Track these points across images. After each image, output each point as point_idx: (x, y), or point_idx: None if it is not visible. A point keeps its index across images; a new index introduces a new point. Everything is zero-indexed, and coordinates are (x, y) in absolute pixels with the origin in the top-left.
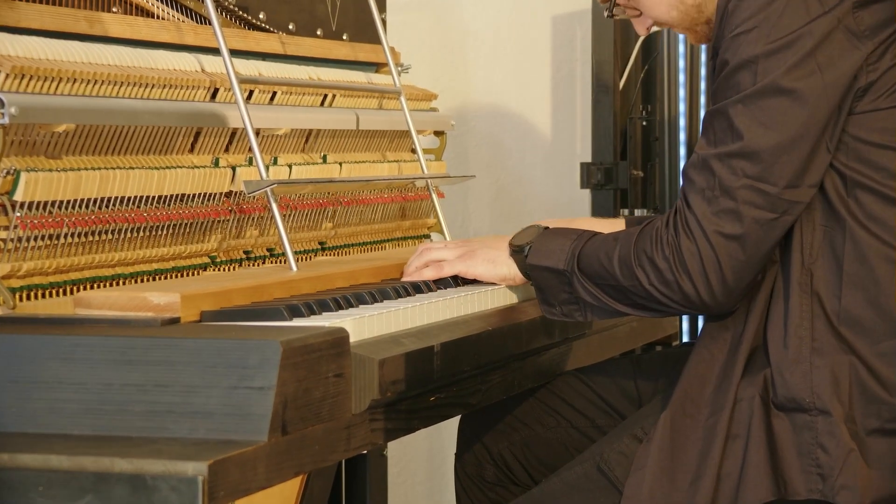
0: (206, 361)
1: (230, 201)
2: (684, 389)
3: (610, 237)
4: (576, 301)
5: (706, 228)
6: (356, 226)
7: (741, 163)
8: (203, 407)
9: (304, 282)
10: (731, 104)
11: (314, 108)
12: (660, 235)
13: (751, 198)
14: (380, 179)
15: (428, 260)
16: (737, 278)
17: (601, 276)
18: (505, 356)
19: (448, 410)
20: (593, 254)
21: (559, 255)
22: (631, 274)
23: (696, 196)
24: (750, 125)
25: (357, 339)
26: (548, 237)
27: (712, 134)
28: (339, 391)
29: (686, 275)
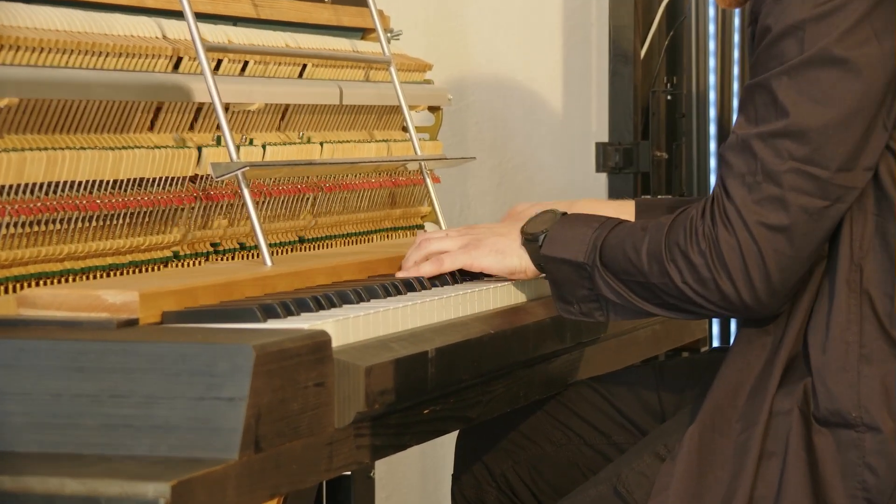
0: (168, 369)
1: (195, 187)
2: (715, 401)
3: (637, 227)
4: (597, 298)
5: (747, 219)
6: (339, 215)
7: (787, 143)
8: (165, 420)
9: (280, 278)
10: (774, 76)
11: (291, 81)
12: (695, 227)
13: (798, 183)
14: (366, 162)
15: (427, 252)
16: (783, 276)
17: (627, 272)
18: (509, 363)
19: (444, 425)
20: (618, 245)
21: (579, 246)
22: (662, 270)
23: (735, 182)
24: (797, 100)
25: (340, 344)
26: (566, 225)
27: (753, 111)
28: (319, 402)
29: (725, 272)
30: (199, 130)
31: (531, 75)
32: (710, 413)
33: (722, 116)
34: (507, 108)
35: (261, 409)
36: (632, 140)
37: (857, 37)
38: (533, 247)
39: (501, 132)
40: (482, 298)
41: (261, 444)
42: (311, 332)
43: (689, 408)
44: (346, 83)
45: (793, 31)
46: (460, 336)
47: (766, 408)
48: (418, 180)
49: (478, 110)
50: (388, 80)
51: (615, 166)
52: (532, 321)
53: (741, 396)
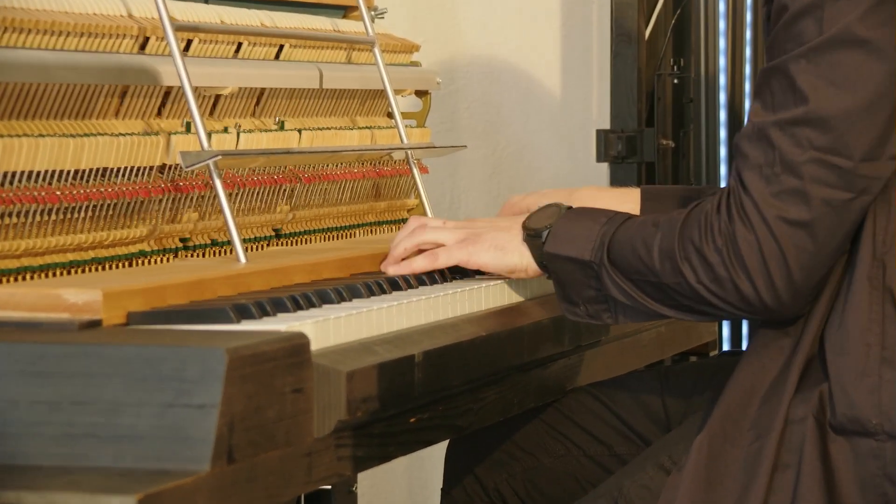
0: (134, 373)
1: (164, 177)
2: (725, 409)
3: (648, 222)
4: (604, 299)
5: (766, 214)
6: (319, 208)
7: (807, 131)
8: (131, 429)
9: (254, 276)
10: (792, 59)
11: (267, 63)
12: (710, 223)
13: (820, 174)
14: (348, 150)
15: (421, 242)
16: (805, 274)
17: (637, 271)
18: (503, 368)
19: (432, 435)
20: (628, 242)
21: (585, 243)
22: (675, 269)
23: (751, 174)
24: (817, 85)
25: (320, 347)
26: (571, 219)
27: (769, 97)
28: (297, 410)
29: (743, 271)
30: (168, 116)
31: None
32: (720, 421)
33: (733, 102)
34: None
35: (234, 416)
36: (635, 127)
37: (880, 16)
38: (535, 243)
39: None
40: (474, 298)
41: (234, 454)
42: (288, 334)
43: (696, 416)
44: (326, 65)
45: (811, 10)
46: (450, 338)
47: (780, 415)
48: (404, 170)
49: (469, 95)
50: (371, 62)
51: (617, 155)
52: (528, 323)
53: (754, 403)
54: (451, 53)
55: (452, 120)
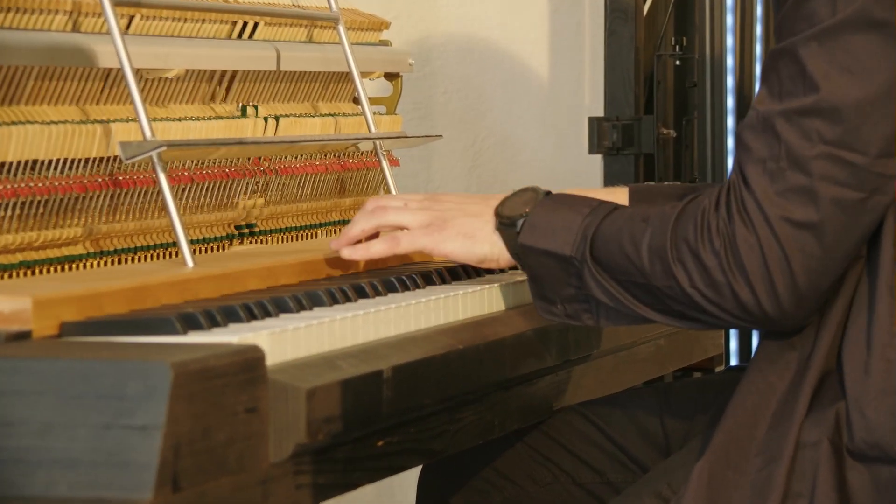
0: (67, 391)
1: (102, 171)
2: (730, 431)
3: (637, 216)
4: (585, 299)
5: (769, 213)
6: (277, 205)
7: (817, 123)
8: (64, 453)
9: (203, 282)
10: (801, 42)
11: (219, 42)
12: (707, 221)
13: (830, 171)
14: (309, 141)
15: (381, 223)
16: (810, 281)
17: (623, 270)
18: (481, 385)
19: (403, 460)
20: (614, 237)
21: (565, 235)
22: (666, 271)
23: (754, 169)
24: (828, 71)
25: (277, 361)
26: (550, 208)
27: (776, 83)
28: (251, 432)
29: (742, 275)
30: (106, 102)
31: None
32: (724, 445)
33: (741, 86)
34: (482, 76)
35: (180, 439)
36: (632, 115)
37: None
38: (509, 233)
39: (474, 105)
40: (449, 306)
41: (180, 481)
42: (240, 346)
43: (698, 439)
44: (284, 44)
45: None
46: (422, 352)
47: (791, 439)
48: (372, 163)
49: (445, 78)
50: (335, 40)
51: (612, 146)
52: (509, 334)
53: (761, 425)
54: (426, 31)
55: (427, 106)
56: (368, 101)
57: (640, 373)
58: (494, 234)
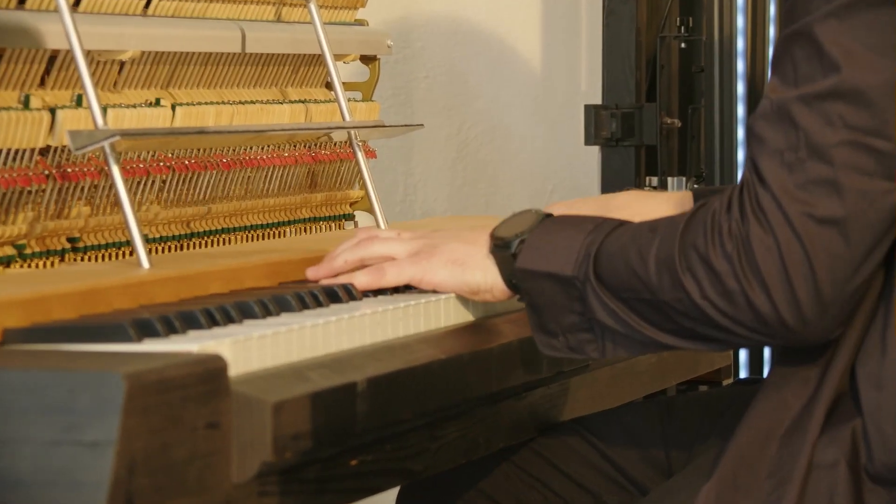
0: (11, 404)
1: (47, 161)
2: (739, 451)
3: (645, 227)
4: (589, 327)
5: (789, 210)
6: (241, 200)
7: (839, 106)
8: (8, 472)
9: (160, 285)
10: (818, 21)
11: (178, 21)
12: (718, 223)
13: (855, 159)
14: (278, 130)
15: (366, 256)
16: (835, 286)
17: (630, 287)
18: (465, 399)
19: (379, 481)
20: (619, 253)
21: (566, 255)
22: (675, 282)
23: (770, 162)
24: (851, 49)
25: (241, 372)
26: (550, 229)
27: (791, 68)
28: (213, 450)
29: (758, 282)
30: (53, 87)
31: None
32: (732, 466)
33: (753, 71)
34: (468, 59)
35: (135, 456)
36: (633, 102)
37: None
38: (504, 256)
39: (459, 91)
40: (430, 313)
41: (134, 502)
42: (201, 356)
43: (703, 459)
44: (250, 24)
45: None
46: (400, 362)
47: (803, 459)
48: (347, 155)
49: (428, 61)
50: (306, 20)
51: (611, 137)
52: (496, 344)
53: (772, 444)
54: (406, 10)
55: (407, 92)
56: (342, 86)
57: (640, 386)
58: (488, 259)
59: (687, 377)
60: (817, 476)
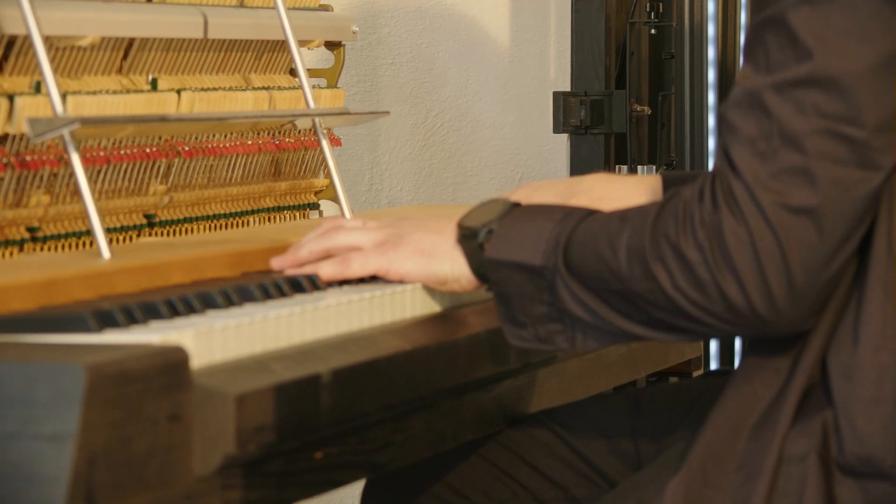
0: None
1: (5, 149)
2: (708, 444)
3: (615, 216)
4: (559, 317)
5: (762, 199)
6: (203, 189)
7: (812, 94)
8: None
9: (121, 275)
10: (790, 7)
11: (138, 6)
12: (690, 213)
13: (829, 147)
14: (240, 117)
15: (331, 246)
16: (808, 276)
17: (600, 277)
18: (432, 391)
19: (344, 474)
20: (589, 242)
21: (535, 244)
22: (646, 272)
23: (742, 150)
24: (824, 36)
25: (203, 363)
26: (520, 217)
27: (763, 55)
28: (174, 443)
29: (731, 271)
30: (11, 73)
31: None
32: (701, 459)
33: (724, 58)
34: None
35: (95, 450)
36: (602, 89)
37: None
38: (471, 246)
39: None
40: (396, 303)
41: (95, 497)
42: (162, 347)
43: (672, 451)
44: (212, 9)
45: None
46: (365, 354)
47: (772, 452)
48: (311, 143)
49: (394, 47)
50: (270, 5)
51: (580, 124)
52: (463, 335)
53: (742, 437)
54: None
55: (373, 79)
56: (307, 73)
57: (609, 377)
58: (455, 250)
59: (657, 369)
60: (787, 469)
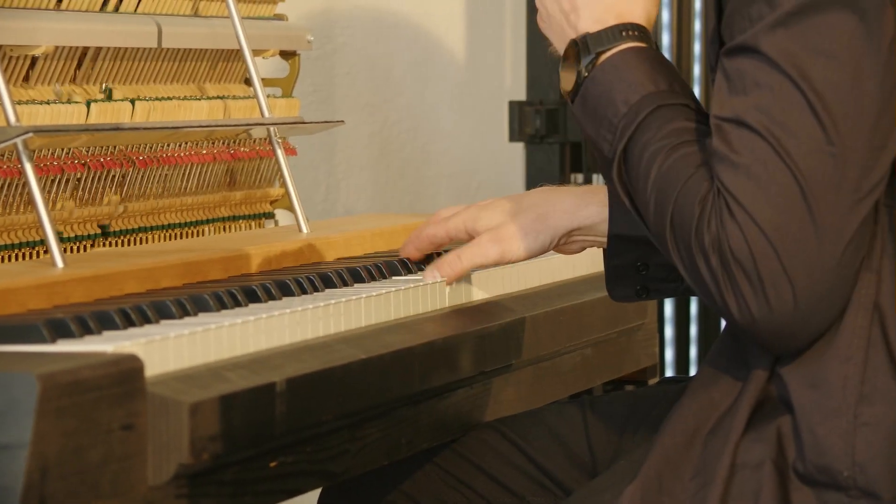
0: None
1: None
2: (664, 451)
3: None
4: None
5: (760, 221)
6: (158, 199)
7: (795, 114)
8: None
9: (75, 284)
10: (763, 32)
11: (92, 15)
12: (701, 234)
13: (818, 165)
14: (195, 127)
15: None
16: (812, 288)
17: (638, 199)
18: (387, 400)
19: (299, 482)
20: (644, 159)
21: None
22: (664, 244)
23: (737, 177)
24: (803, 56)
25: (157, 372)
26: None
27: (739, 80)
28: (128, 452)
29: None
30: None
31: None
32: (657, 467)
33: (679, 65)
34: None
35: (47, 459)
36: (558, 98)
37: None
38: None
39: (382, 87)
40: (351, 311)
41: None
42: (116, 356)
43: (627, 459)
44: (166, 19)
45: None
46: (320, 363)
47: (726, 459)
48: (266, 152)
49: (350, 57)
50: (224, 14)
51: (535, 134)
52: (418, 343)
53: (697, 444)
54: (327, 4)
55: (328, 88)
56: (262, 82)
57: (564, 385)
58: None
59: (612, 377)
60: (742, 476)
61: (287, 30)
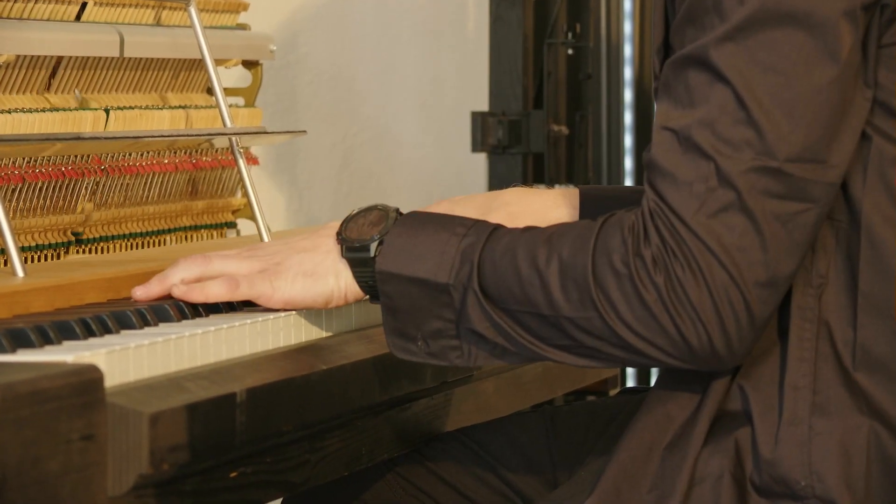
0: None
1: None
2: (622, 465)
3: (538, 237)
4: (455, 334)
5: (708, 242)
6: (120, 208)
7: (740, 130)
8: None
9: (35, 294)
10: (712, 44)
11: (54, 24)
12: (638, 250)
13: (764, 183)
14: (157, 136)
15: (205, 272)
16: (763, 311)
17: (522, 300)
18: (347, 410)
19: (259, 493)
20: (508, 263)
21: (438, 259)
22: (585, 301)
23: (680, 194)
24: (750, 71)
25: (117, 383)
26: (412, 227)
27: (685, 92)
28: (88, 462)
29: (690, 314)
30: None
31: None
32: (615, 479)
33: (640, 78)
34: (354, 64)
35: (6, 469)
36: (520, 109)
37: None
38: (359, 259)
39: (345, 97)
40: (311, 322)
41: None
42: (76, 366)
43: (587, 470)
44: (128, 27)
45: None
46: (280, 373)
47: (686, 472)
48: (229, 162)
49: (313, 66)
50: (186, 23)
51: (498, 144)
52: (379, 353)
53: (655, 457)
54: (290, 13)
55: (291, 98)
56: (224, 91)
57: (526, 396)
58: (339, 264)
59: (574, 387)
60: (700, 489)
61: (250, 39)
